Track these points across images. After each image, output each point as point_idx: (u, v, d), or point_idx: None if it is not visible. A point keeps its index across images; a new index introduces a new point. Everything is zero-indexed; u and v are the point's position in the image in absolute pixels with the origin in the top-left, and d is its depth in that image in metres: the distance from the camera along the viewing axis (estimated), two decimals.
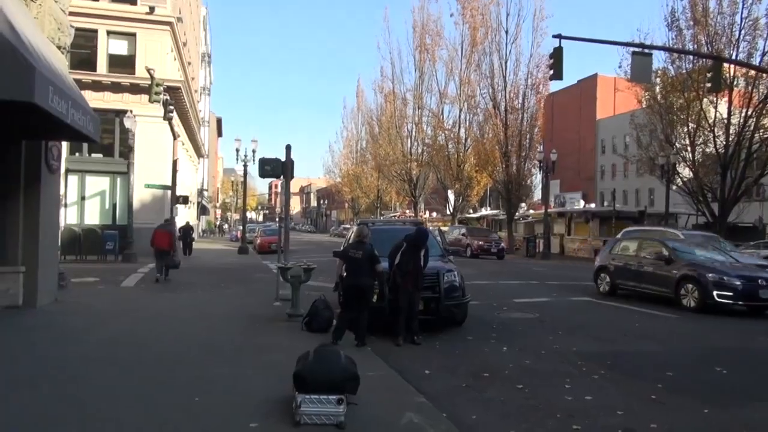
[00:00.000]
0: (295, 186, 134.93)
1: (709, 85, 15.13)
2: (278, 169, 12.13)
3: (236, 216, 75.22)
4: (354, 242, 8.25)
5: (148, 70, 19.44)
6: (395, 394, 5.69)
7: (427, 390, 5.99)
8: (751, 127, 30.12)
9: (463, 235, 33.44)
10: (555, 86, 50.07)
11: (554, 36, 14.21)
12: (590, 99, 79.20)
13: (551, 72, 14.64)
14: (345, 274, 8.20)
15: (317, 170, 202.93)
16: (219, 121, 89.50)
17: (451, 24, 42.65)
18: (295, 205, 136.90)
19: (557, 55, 14.31)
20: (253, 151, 30.83)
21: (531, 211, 45.29)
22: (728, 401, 5.98)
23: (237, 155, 30.27)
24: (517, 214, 39.36)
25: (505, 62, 36.55)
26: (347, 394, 4.77)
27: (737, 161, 30.78)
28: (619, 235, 20.77)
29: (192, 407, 5.07)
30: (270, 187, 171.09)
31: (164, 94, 20.43)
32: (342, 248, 8.41)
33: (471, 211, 54.28)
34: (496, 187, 40.81)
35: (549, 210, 36.13)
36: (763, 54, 29.12)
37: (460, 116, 43.00)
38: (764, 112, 29.84)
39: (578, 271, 23.70)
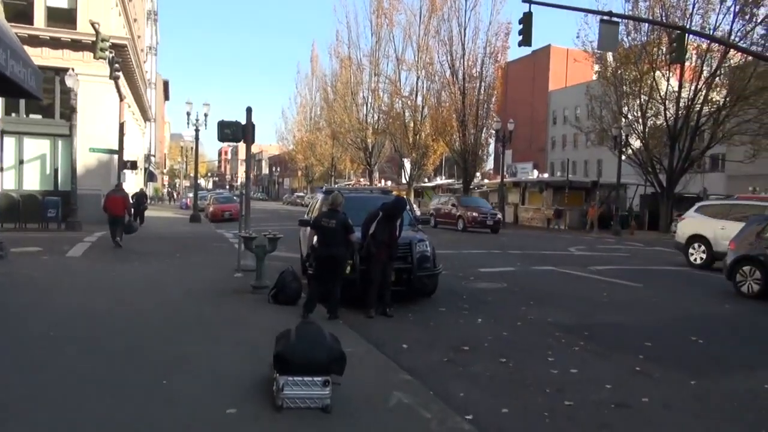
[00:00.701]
0: (245, 153, 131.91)
1: (672, 54, 15.16)
2: (239, 132, 11.48)
3: (186, 183, 72.85)
4: (327, 211, 7.82)
5: (93, 24, 18.07)
6: (378, 372, 5.40)
7: (409, 366, 5.71)
8: (700, 101, 30.96)
9: (453, 205, 29.35)
10: (509, 56, 49.97)
11: (524, 0, 13.89)
12: (543, 70, 79.94)
13: (520, 38, 14.32)
14: (317, 244, 7.79)
15: (269, 137, 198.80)
16: (166, 84, 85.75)
17: None
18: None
19: (526, 20, 13.99)
20: (205, 115, 29.57)
21: (486, 181, 45.63)
22: (711, 371, 5.96)
23: (188, 119, 28.96)
24: (471, 183, 39.51)
25: (464, 29, 36.14)
26: (333, 375, 4.42)
27: (685, 134, 31.66)
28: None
29: (160, 392, 4.62)
30: (219, 154, 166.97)
31: (110, 51, 19.08)
32: (312, 217, 7.96)
33: (426, 180, 54.32)
34: (452, 156, 40.78)
35: (504, 180, 36.37)
36: (714, 28, 29.78)
37: (417, 83, 42.56)
38: (712, 86, 30.66)
39: (536, 240, 23.97)
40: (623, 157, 32.46)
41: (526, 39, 14.20)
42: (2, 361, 5.31)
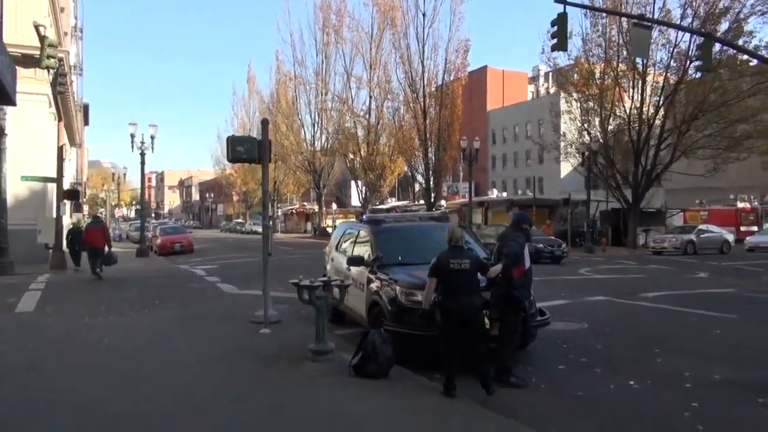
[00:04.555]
0: (173, 179, 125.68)
1: (699, 63, 14.26)
2: (254, 149, 9.24)
3: (117, 213, 67.47)
4: (450, 249, 5.79)
5: (37, 27, 15.10)
6: None
7: None
8: (662, 116, 31.12)
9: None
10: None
11: (556, 1, 12.45)
12: (481, 91, 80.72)
13: (554, 41, 12.91)
14: (442, 294, 5.71)
15: (198, 162, 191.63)
16: (86, 108, 79.94)
17: (361, 6, 40.41)
18: (174, 200, 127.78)
19: (561, 23, 12.58)
20: (152, 138, 26.49)
21: (443, 202, 44.42)
22: None
23: (132, 142, 25.79)
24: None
25: (423, 46, 34.96)
26: None
27: (647, 149, 31.69)
28: None
29: None
30: (143, 181, 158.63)
31: (57, 60, 16.12)
32: (434, 262, 5.78)
33: (377, 203, 52.56)
34: (413, 175, 39.37)
35: (464, 200, 35.23)
36: (675, 45, 30.11)
37: (370, 102, 40.98)
38: (673, 102, 30.87)
39: None
40: (572, 171, 31.98)
41: (560, 43, 12.79)
42: None
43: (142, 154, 26.35)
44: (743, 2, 27.41)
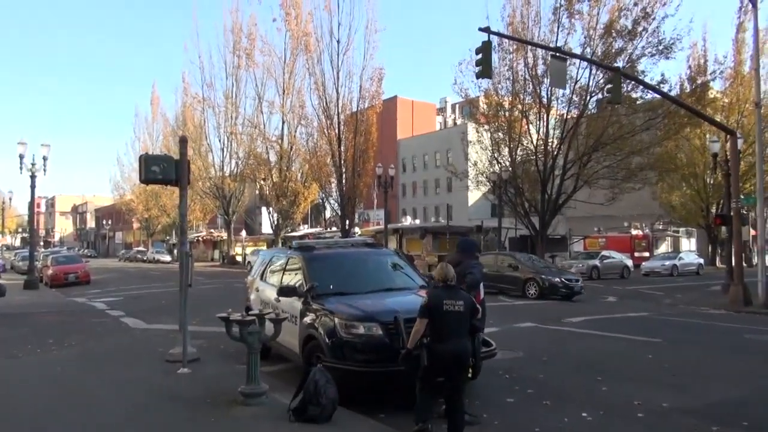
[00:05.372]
0: (65, 205, 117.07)
1: (609, 95, 14.95)
2: (170, 170, 8.38)
3: (1, 242, 61.36)
4: (443, 288, 5.33)
5: None
6: None
7: None
8: (565, 148, 32.74)
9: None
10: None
11: (481, 29, 12.59)
12: (391, 120, 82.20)
13: (478, 69, 13.02)
14: (430, 337, 5.20)
15: (94, 187, 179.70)
16: None
17: (274, 30, 39.80)
18: (66, 227, 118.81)
19: (485, 50, 12.72)
20: (44, 159, 24.19)
21: (357, 229, 44.11)
22: None
23: (21, 163, 23.40)
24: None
25: (338, 72, 34.83)
26: None
27: (553, 179, 33.16)
28: None
29: None
30: (30, 207, 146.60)
31: None
32: (426, 302, 5.28)
33: (289, 229, 51.39)
34: (324, 203, 38.83)
35: (379, 227, 35.15)
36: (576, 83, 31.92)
37: (282, 127, 40.20)
38: (575, 134, 32.60)
39: None
40: (479, 199, 32.92)
41: (485, 70, 12.92)
42: None
43: (33, 177, 24.00)
44: (635, 45, 29.62)
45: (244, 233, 54.76)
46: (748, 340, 10.73)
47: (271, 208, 42.31)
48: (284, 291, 7.46)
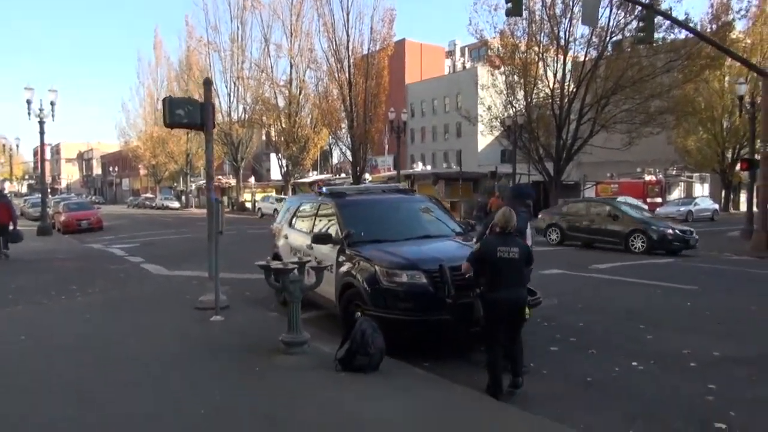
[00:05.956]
0: (71, 152, 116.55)
1: (642, 34, 14.27)
2: (196, 113, 8.03)
3: (9, 188, 61.43)
4: (498, 235, 5.12)
5: None
6: None
7: None
8: (583, 91, 31.87)
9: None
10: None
11: None
12: (399, 64, 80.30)
13: (508, 5, 12.37)
14: (487, 285, 5.03)
15: (99, 133, 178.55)
16: None
17: None
18: (72, 174, 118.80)
19: None
20: (52, 104, 23.71)
21: (367, 176, 43.72)
22: None
23: (29, 109, 22.94)
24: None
25: (348, 14, 33.65)
26: None
27: (569, 123, 32.45)
28: None
29: None
30: (35, 154, 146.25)
31: None
32: (476, 246, 5.15)
33: (297, 176, 51.07)
34: (331, 149, 38.35)
35: (391, 173, 34.77)
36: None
37: (291, 72, 39.26)
38: (593, 77, 31.65)
39: None
40: (488, 145, 32.37)
41: (515, 8, 12.25)
42: None
43: (41, 123, 23.56)
44: None
45: (252, 180, 54.55)
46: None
47: (280, 155, 41.85)
48: (319, 238, 7.22)
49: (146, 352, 6.17)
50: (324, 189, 8.48)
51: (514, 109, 32.90)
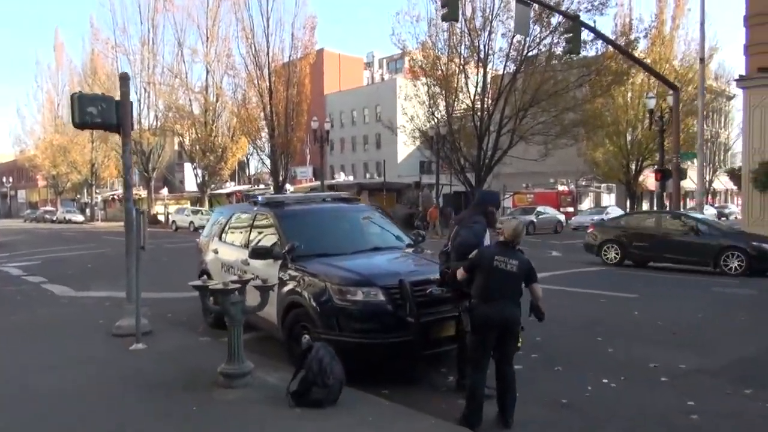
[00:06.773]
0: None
1: (568, 45, 14.49)
2: (110, 111, 7.06)
3: None
4: (499, 245, 4.61)
5: None
6: None
7: None
8: (503, 102, 32.62)
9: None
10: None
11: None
12: (318, 73, 79.56)
13: (444, 11, 12.07)
14: (478, 298, 4.48)
15: None
16: None
17: None
18: None
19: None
20: None
21: (288, 186, 42.62)
22: None
23: None
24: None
25: (267, 20, 32.67)
26: None
27: (489, 134, 33.09)
28: None
29: None
30: None
31: None
32: (474, 255, 4.56)
33: (213, 186, 49.01)
34: (259, 157, 37.09)
35: (312, 184, 34.01)
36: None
37: (207, 78, 37.67)
38: (512, 90, 32.49)
39: None
40: (408, 156, 32.54)
41: (452, 12, 11.95)
42: None
43: None
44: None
45: (165, 191, 51.76)
46: (717, 293, 10.74)
47: (195, 164, 39.95)
48: (258, 252, 6.45)
49: (61, 390, 5.17)
50: (260, 198, 7.71)
51: (435, 120, 33.12)
